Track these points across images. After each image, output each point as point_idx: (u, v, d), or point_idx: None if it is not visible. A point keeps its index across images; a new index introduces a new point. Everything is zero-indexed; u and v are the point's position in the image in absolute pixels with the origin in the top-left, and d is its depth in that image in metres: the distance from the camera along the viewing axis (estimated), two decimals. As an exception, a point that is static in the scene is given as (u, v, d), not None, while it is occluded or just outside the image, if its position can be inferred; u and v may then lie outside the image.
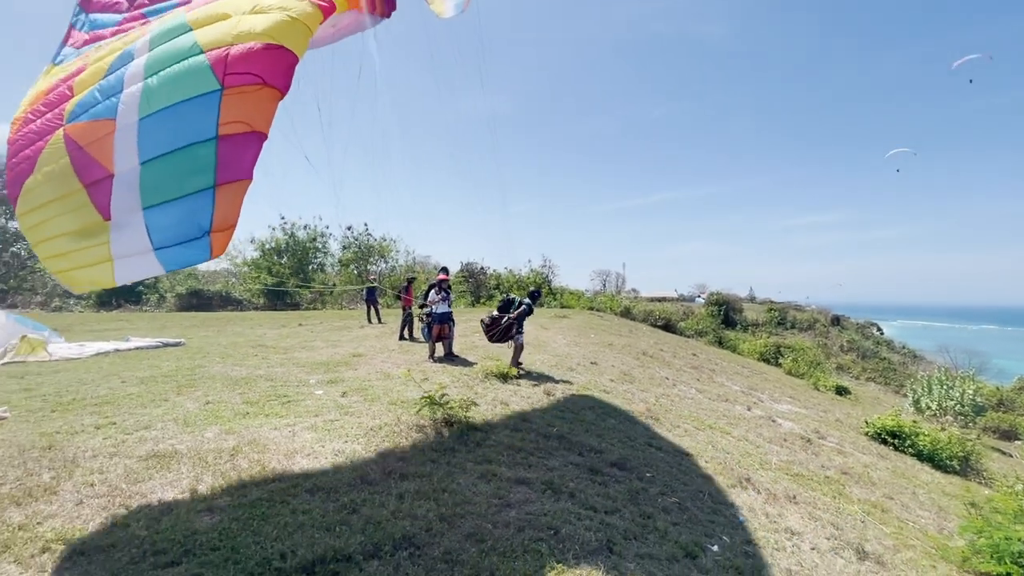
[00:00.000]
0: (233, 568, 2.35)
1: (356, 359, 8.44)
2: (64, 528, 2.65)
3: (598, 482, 4.05)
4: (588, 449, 4.85)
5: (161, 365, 7.68)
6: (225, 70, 2.40)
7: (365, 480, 3.45)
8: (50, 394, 5.70)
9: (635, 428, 6.06)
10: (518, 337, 7.92)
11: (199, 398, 5.60)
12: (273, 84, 2.44)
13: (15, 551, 2.43)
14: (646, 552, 3.01)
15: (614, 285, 72.38)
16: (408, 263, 32.94)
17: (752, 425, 8.07)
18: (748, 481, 5.03)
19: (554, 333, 14.02)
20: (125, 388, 6.06)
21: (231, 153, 2.40)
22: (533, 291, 8.58)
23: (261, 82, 2.41)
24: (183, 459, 3.67)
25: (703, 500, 4.23)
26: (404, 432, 4.49)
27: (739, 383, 13.00)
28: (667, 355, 14.49)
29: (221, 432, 4.35)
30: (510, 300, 8.22)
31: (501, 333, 7.94)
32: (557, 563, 2.68)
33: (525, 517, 3.18)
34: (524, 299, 8.14)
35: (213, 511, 2.90)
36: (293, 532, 2.71)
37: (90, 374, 6.95)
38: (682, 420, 7.14)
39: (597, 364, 9.96)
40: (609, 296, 37.74)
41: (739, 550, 3.41)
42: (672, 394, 9.01)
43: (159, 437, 4.18)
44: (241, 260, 30.19)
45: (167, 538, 2.58)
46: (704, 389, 10.47)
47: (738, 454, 6.08)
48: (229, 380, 6.62)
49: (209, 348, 9.78)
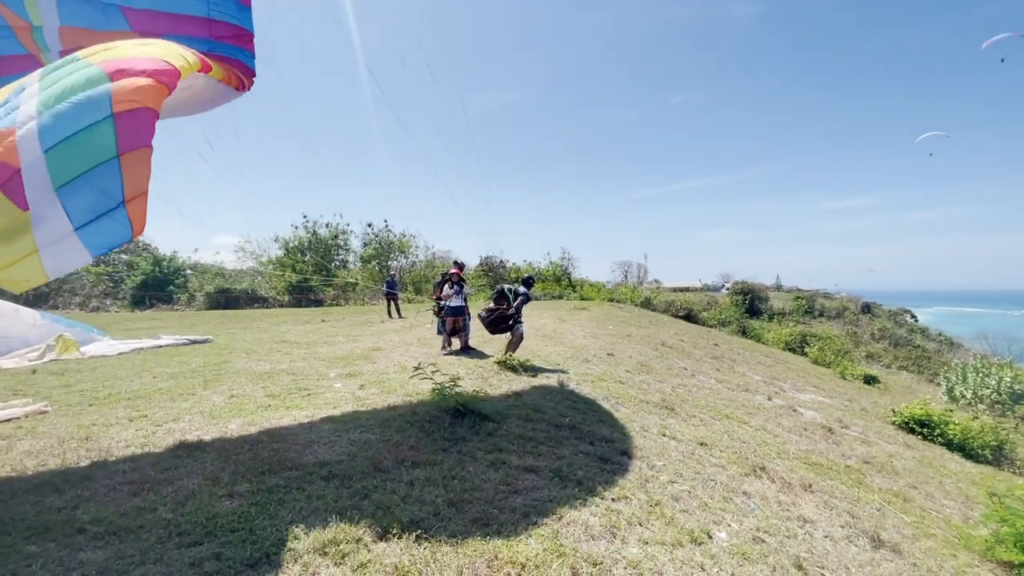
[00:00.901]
0: (250, 547, 2.49)
1: (375, 353, 8.64)
2: (98, 511, 2.84)
3: (607, 470, 4.10)
4: (599, 438, 4.89)
5: (190, 361, 8.00)
6: (115, 69, 2.73)
7: (378, 468, 3.57)
8: (87, 389, 6.02)
9: (649, 418, 6.07)
10: (517, 327, 7.89)
11: (224, 392, 5.84)
12: (161, 80, 2.71)
13: (54, 532, 2.62)
14: (650, 537, 3.05)
15: (635, 276, 71.65)
16: (428, 258, 33.26)
17: (771, 415, 7.97)
18: (763, 470, 5.00)
19: (572, 325, 14.02)
20: (156, 383, 6.36)
21: (128, 125, 2.66)
22: (527, 278, 8.49)
23: (149, 76, 2.72)
24: (208, 449, 3.86)
25: (714, 488, 4.24)
26: (418, 422, 4.61)
27: (761, 373, 12.80)
28: (687, 345, 14.35)
29: (244, 424, 4.55)
30: (503, 291, 8.15)
31: (501, 323, 7.91)
32: (560, 546, 2.75)
33: (531, 503, 3.26)
34: (518, 288, 8.05)
35: (233, 496, 3.06)
36: (307, 516, 2.84)
37: (124, 370, 7.30)
38: (699, 410, 7.11)
39: (614, 355, 9.95)
40: (630, 287, 37.44)
41: (748, 536, 3.41)
42: (690, 384, 8.95)
43: (186, 429, 4.40)
44: (266, 259, 30.97)
45: (190, 520, 2.74)
46: (724, 379, 10.36)
47: (755, 443, 6.03)
48: (253, 375, 6.87)
49: (235, 344, 10.12)
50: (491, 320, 7.98)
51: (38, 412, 4.98)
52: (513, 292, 8.02)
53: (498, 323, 7.98)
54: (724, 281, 64.39)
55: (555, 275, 35.62)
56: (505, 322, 7.92)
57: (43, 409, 5.07)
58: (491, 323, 8.00)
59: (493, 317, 7.96)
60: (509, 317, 7.86)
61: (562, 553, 2.68)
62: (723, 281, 64.59)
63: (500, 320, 7.93)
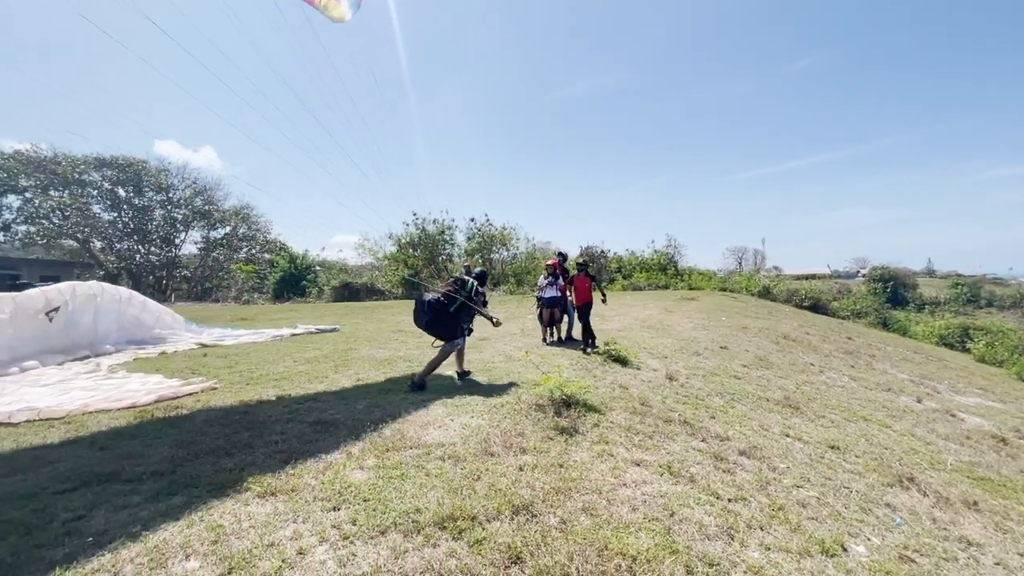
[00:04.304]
0: (380, 516, 2.75)
1: (481, 342, 8.99)
2: (259, 474, 3.32)
3: (722, 469, 3.87)
4: (713, 435, 4.63)
5: (322, 347, 8.99)
6: None
7: (487, 452, 3.74)
8: (244, 370, 7.04)
9: (769, 417, 5.62)
10: (460, 342, 5.87)
11: (352, 376, 6.49)
12: None
13: (228, 489, 3.12)
14: (773, 543, 2.84)
15: (751, 263, 66.26)
16: (529, 250, 33.72)
17: (922, 419, 6.94)
18: (911, 481, 4.39)
19: (679, 316, 13.38)
20: (296, 367, 7.24)
21: None
22: (478, 272, 6.31)
23: None
24: (340, 426, 4.33)
25: (849, 497, 3.81)
26: (524, 410, 4.73)
27: (907, 371, 11.17)
28: (814, 339, 12.98)
29: (369, 405, 5.01)
30: (460, 280, 5.93)
31: (446, 327, 5.68)
32: (672, 542, 2.67)
33: (640, 497, 3.20)
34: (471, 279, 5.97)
35: (363, 469, 3.40)
36: (427, 491, 3.07)
37: (270, 355, 8.41)
38: (828, 410, 6.42)
39: (727, 348, 9.33)
40: (745, 275, 34.71)
41: (892, 554, 3.03)
42: (817, 381, 8.10)
43: (322, 408, 4.96)
44: (382, 255, 33.61)
45: (330, 488, 3.10)
46: (859, 377, 9.21)
47: (900, 450, 5.31)
48: (375, 361, 7.54)
49: (358, 333, 11.17)
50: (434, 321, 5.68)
51: (210, 388, 5.95)
52: (470, 286, 5.86)
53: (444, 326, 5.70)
54: (859, 267, 56.98)
55: (660, 264, 34.14)
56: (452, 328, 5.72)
57: (214, 386, 6.04)
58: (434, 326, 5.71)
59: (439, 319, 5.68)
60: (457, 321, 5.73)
61: (675, 550, 2.60)
62: (858, 267, 57.19)
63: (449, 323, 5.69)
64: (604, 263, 35.32)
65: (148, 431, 4.33)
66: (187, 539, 2.54)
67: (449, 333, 5.72)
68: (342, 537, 2.58)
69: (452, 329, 5.71)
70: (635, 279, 30.93)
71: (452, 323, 5.70)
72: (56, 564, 2.33)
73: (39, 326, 8.15)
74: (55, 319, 8.38)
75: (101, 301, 9.41)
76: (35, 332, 8.06)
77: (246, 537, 2.57)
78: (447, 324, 5.68)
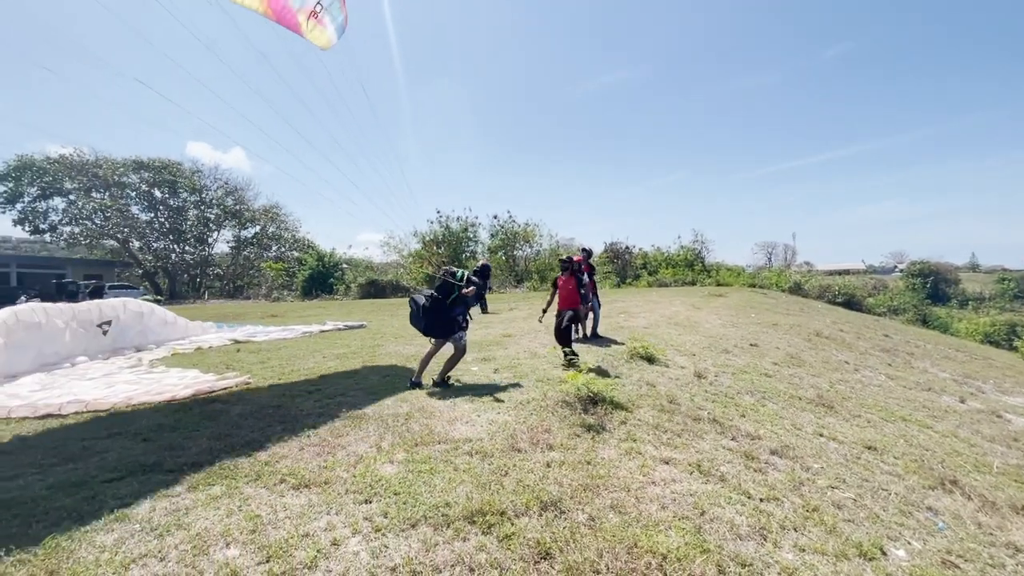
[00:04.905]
0: (410, 509, 2.80)
1: (506, 339, 9.02)
2: (293, 466, 3.42)
3: (753, 468, 3.80)
4: (743, 434, 4.55)
5: (350, 344, 9.16)
6: None
7: (514, 447, 3.75)
8: (276, 365, 7.23)
9: (802, 415, 5.48)
10: (460, 336, 5.59)
11: (379, 371, 6.59)
12: None
13: (264, 480, 3.22)
14: (808, 545, 2.77)
15: (782, 258, 64.66)
16: (552, 247, 33.62)
17: (965, 420, 6.66)
18: (954, 483, 4.22)
19: (707, 313, 13.15)
20: (326, 362, 7.40)
21: None
22: (482, 266, 5.92)
23: None
24: (369, 420, 4.41)
25: (888, 499, 3.69)
26: (550, 407, 4.73)
27: (949, 369, 10.73)
28: (848, 336, 12.58)
29: (397, 400, 5.09)
30: (452, 272, 5.63)
31: (442, 326, 5.54)
32: (703, 541, 2.63)
33: (669, 495, 3.16)
34: (470, 274, 5.68)
35: (393, 463, 3.46)
36: (456, 486, 3.10)
37: (300, 350, 8.62)
38: (864, 409, 6.22)
39: (757, 346, 9.13)
40: (775, 271, 33.89)
41: (934, 559, 2.92)
42: (852, 380, 7.86)
43: (352, 402, 5.06)
44: (407, 252, 34.00)
45: (361, 480, 3.16)
46: (897, 375, 8.90)
47: (942, 452, 5.11)
48: (401, 356, 7.65)
49: (384, 329, 11.34)
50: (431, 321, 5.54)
51: (244, 383, 6.13)
52: (467, 280, 5.59)
53: (440, 326, 5.57)
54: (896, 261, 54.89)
55: (686, 260, 33.59)
56: (449, 326, 5.57)
57: (247, 381, 6.23)
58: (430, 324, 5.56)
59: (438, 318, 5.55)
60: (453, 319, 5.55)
61: (706, 549, 2.56)
62: (895, 261, 55.11)
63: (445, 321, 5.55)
64: (629, 259, 34.95)
65: (187, 424, 4.50)
66: (227, 528, 2.63)
67: (446, 329, 5.54)
68: (374, 529, 2.63)
69: (449, 324, 5.53)
70: (661, 275, 30.51)
71: (448, 317, 5.52)
72: (106, 549, 2.45)
73: (93, 337, 8.63)
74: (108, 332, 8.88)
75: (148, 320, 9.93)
76: (89, 343, 8.55)
77: (282, 527, 2.65)
78: (444, 320, 5.51)
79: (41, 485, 3.21)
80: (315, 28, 6.25)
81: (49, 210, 37.34)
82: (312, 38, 6.37)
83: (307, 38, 6.32)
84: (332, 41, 6.60)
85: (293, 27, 6.11)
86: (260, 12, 5.77)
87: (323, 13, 6.17)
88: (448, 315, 5.53)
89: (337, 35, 6.61)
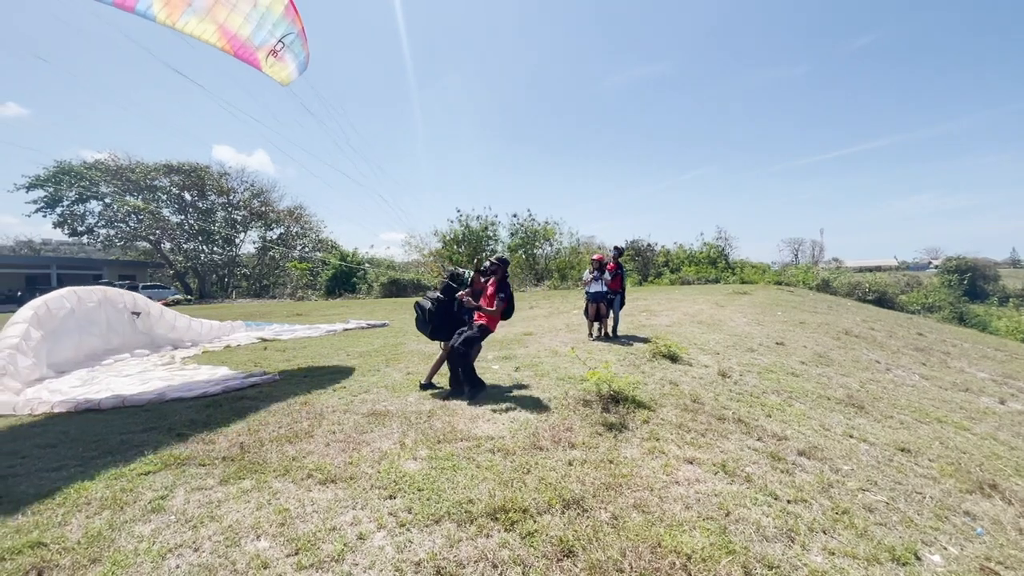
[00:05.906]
0: (434, 505, 2.84)
1: (527, 337, 9.02)
2: (319, 461, 3.49)
3: (780, 469, 3.72)
4: (769, 435, 4.46)
5: (373, 342, 9.29)
6: None
7: (536, 446, 3.76)
8: (303, 364, 7.39)
9: (830, 416, 5.34)
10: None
11: (402, 369, 6.68)
12: None
13: (292, 475, 3.30)
14: (837, 548, 2.71)
15: (809, 255, 63.17)
16: (572, 245, 33.46)
17: (1006, 421, 6.40)
18: (994, 488, 4.06)
19: (731, 311, 12.92)
20: (349, 360, 7.52)
21: None
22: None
23: None
24: (393, 417, 4.47)
25: (922, 503, 3.57)
26: (572, 405, 4.72)
27: (988, 369, 10.31)
28: (879, 334, 12.20)
29: (420, 397, 5.15)
30: (457, 274, 5.69)
31: (447, 329, 5.44)
32: (729, 542, 2.60)
33: (694, 495, 3.12)
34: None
35: (416, 460, 3.51)
36: (479, 483, 3.13)
37: (325, 349, 8.78)
38: (897, 410, 6.03)
39: (784, 344, 8.94)
40: (802, 268, 33.07)
41: (972, 565, 2.82)
42: (884, 380, 7.63)
43: (376, 400, 5.14)
44: (427, 251, 34.27)
45: (385, 476, 3.22)
46: (932, 375, 8.59)
47: (980, 455, 4.92)
48: (423, 355, 7.72)
49: (406, 328, 11.45)
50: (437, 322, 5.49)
51: (272, 381, 6.28)
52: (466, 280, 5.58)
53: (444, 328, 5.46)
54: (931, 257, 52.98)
55: (710, 257, 33.04)
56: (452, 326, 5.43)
57: (275, 378, 6.38)
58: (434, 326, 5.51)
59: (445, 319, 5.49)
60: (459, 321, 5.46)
61: (732, 550, 2.53)
62: (929, 257, 53.20)
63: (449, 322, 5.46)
64: (651, 257, 34.57)
65: (218, 419, 4.64)
66: (257, 520, 2.71)
67: (451, 333, 5.36)
68: (399, 524, 2.67)
69: (453, 326, 5.43)
70: (684, 273, 30.09)
71: (453, 320, 5.47)
72: (145, 538, 2.55)
73: (127, 322, 8.93)
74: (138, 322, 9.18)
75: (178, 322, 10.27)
76: (125, 328, 8.84)
77: (310, 521, 2.71)
78: (451, 323, 5.45)
79: (83, 477, 3.35)
80: (275, 64, 6.34)
81: (87, 213, 38.82)
82: (272, 74, 6.47)
83: (266, 73, 6.43)
84: (292, 77, 6.69)
85: (252, 63, 6.25)
86: (219, 48, 5.89)
87: (284, 51, 6.21)
88: (454, 318, 5.48)
89: (298, 71, 6.69)
